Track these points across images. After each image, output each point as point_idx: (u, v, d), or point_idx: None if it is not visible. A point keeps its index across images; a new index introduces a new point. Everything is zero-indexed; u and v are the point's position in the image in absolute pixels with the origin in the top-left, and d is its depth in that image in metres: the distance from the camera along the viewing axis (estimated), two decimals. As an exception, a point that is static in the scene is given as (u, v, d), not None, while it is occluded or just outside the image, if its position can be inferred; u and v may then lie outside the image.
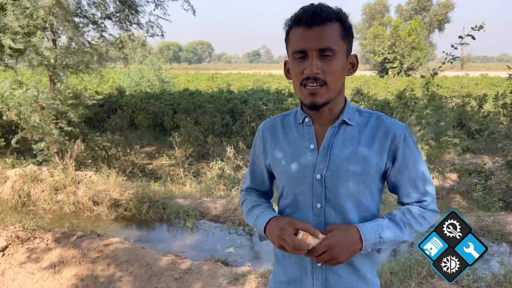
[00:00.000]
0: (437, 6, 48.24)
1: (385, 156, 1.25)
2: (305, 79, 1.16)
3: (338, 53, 1.17)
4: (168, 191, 6.77)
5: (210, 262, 4.03)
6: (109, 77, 20.83)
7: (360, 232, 1.19)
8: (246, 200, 1.47)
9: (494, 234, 4.82)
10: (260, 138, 1.40)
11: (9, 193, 6.63)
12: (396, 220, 1.25)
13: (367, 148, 1.23)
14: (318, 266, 1.27)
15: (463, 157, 9.26)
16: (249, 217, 1.41)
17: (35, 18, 6.98)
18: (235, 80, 23.97)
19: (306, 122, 1.29)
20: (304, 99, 1.20)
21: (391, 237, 1.21)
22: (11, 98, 7.65)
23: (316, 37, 1.14)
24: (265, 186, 1.49)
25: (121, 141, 9.86)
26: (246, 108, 12.82)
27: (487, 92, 15.32)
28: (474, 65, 74.76)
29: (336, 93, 1.22)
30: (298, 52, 1.17)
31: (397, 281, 3.38)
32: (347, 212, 1.24)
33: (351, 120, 1.27)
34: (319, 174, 1.23)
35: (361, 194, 1.24)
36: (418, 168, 1.29)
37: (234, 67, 71.60)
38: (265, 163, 1.40)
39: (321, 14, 1.14)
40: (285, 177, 1.30)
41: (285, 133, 1.33)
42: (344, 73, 1.22)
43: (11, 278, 3.92)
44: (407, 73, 31.26)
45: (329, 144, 1.25)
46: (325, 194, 1.24)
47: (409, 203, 1.31)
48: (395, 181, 1.30)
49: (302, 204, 1.28)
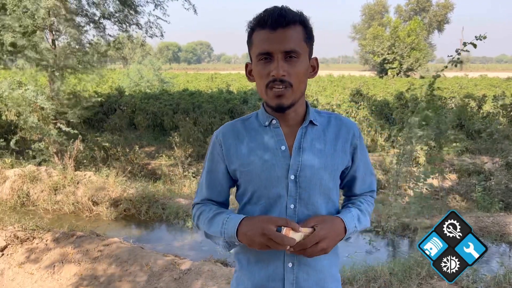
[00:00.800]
0: (436, 6, 48.29)
1: (348, 153, 1.32)
2: (272, 81, 1.17)
3: (302, 56, 1.19)
4: (168, 191, 6.77)
5: (210, 263, 4.02)
6: (109, 77, 20.82)
7: (344, 222, 1.25)
8: (203, 212, 1.37)
9: (494, 235, 4.82)
10: (220, 144, 1.33)
11: (8, 193, 6.62)
12: (362, 209, 1.35)
13: (333, 146, 1.29)
14: (289, 267, 1.26)
15: (462, 158, 9.26)
16: (212, 226, 1.30)
17: (35, 18, 6.96)
18: (234, 81, 23.96)
19: (274, 124, 1.29)
20: (271, 101, 1.21)
21: (361, 226, 1.32)
22: (10, 98, 7.63)
23: (282, 39, 1.15)
24: (223, 196, 1.42)
25: (120, 142, 9.86)
26: (245, 108, 12.82)
27: (486, 93, 15.34)
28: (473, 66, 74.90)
29: (300, 95, 1.24)
30: (263, 54, 1.17)
31: (396, 281, 3.38)
32: (318, 209, 1.27)
33: (316, 120, 1.30)
34: (293, 174, 1.24)
35: (331, 190, 1.30)
36: (368, 162, 1.41)
37: (234, 68, 71.53)
38: (229, 169, 1.33)
39: (286, 17, 1.15)
40: (256, 181, 1.27)
41: (251, 136, 1.30)
42: (307, 76, 1.24)
43: (10, 278, 3.91)
44: (406, 74, 31.32)
45: (300, 144, 1.26)
46: (299, 194, 1.25)
47: (361, 194, 1.43)
48: (352, 175, 1.39)
49: (275, 206, 1.26)
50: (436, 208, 5.91)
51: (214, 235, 1.30)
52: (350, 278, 3.50)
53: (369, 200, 1.43)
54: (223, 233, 1.25)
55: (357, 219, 1.30)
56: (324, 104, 13.61)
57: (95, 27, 8.60)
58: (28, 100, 7.61)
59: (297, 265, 1.27)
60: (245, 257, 1.34)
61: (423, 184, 4.88)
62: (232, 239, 1.24)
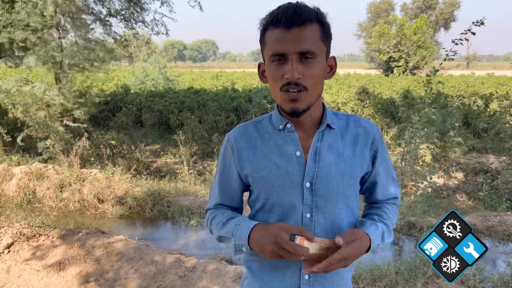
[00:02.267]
0: (443, 4, 47.98)
1: (367, 158, 1.24)
2: (286, 84, 1.09)
3: (319, 56, 1.10)
4: (173, 189, 6.78)
5: (215, 261, 4.03)
6: (114, 75, 20.90)
7: (370, 241, 1.17)
8: (216, 216, 1.31)
9: (500, 234, 4.78)
10: (232, 147, 1.26)
11: (14, 190, 6.67)
12: (387, 223, 1.28)
13: (352, 151, 1.21)
14: (305, 279, 1.21)
15: (469, 156, 9.20)
16: (224, 228, 1.24)
17: (44, 15, 6.98)
18: (239, 79, 23.97)
19: (288, 128, 1.21)
20: (285, 105, 1.13)
21: (383, 243, 1.25)
22: (18, 95, 7.68)
23: (297, 39, 1.06)
24: (237, 201, 1.36)
25: (126, 139, 9.89)
26: (250, 106, 12.83)
27: (493, 91, 15.22)
28: (480, 64, 74.32)
29: (316, 98, 1.15)
30: (276, 55, 1.09)
31: (402, 280, 3.36)
32: (337, 218, 1.20)
33: (333, 124, 1.22)
34: (309, 182, 1.17)
35: (349, 198, 1.22)
36: (390, 168, 1.33)
37: (239, 66, 71.49)
38: (241, 174, 1.26)
39: (301, 15, 1.06)
40: (270, 188, 1.20)
41: (264, 140, 1.23)
42: (324, 77, 1.16)
43: (17, 275, 3.94)
44: (412, 72, 31.16)
45: (316, 150, 1.19)
46: (315, 202, 1.18)
47: (383, 201, 1.35)
48: (373, 181, 1.30)
49: (290, 215, 1.19)
50: (442, 207, 5.88)
51: (226, 240, 1.26)
52: (355, 276, 3.48)
53: (394, 210, 1.34)
54: (235, 235, 1.19)
55: (381, 237, 1.23)
56: (329, 102, 13.57)
57: (101, 25, 8.63)
58: (35, 97, 7.66)
59: (314, 277, 1.22)
60: (259, 265, 1.27)
61: (428, 182, 4.85)
62: (243, 242, 1.17)
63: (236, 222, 1.22)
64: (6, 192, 6.72)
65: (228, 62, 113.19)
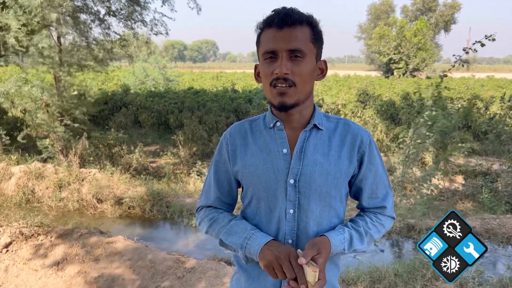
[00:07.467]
0: (443, 6, 48.01)
1: (354, 160, 1.26)
2: (275, 79, 1.16)
3: (308, 56, 1.17)
4: (172, 189, 6.77)
5: (214, 262, 4.02)
6: (114, 75, 20.88)
7: (331, 246, 1.18)
8: (217, 219, 1.33)
9: (500, 237, 4.78)
10: (228, 143, 1.33)
11: (13, 189, 6.66)
12: (360, 231, 1.27)
13: (338, 152, 1.25)
14: None
15: (469, 159, 9.19)
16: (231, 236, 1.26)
17: (34, 15, 6.93)
18: (239, 80, 23.97)
19: (278, 126, 1.26)
20: (274, 99, 1.19)
21: (352, 249, 1.24)
22: (18, 95, 7.66)
23: (287, 38, 1.14)
24: (233, 196, 1.40)
25: (125, 139, 9.87)
26: (250, 107, 12.83)
27: (494, 94, 15.23)
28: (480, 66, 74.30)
29: (305, 96, 1.21)
30: (268, 52, 1.17)
31: (401, 282, 3.35)
32: (318, 216, 1.24)
33: (321, 125, 1.27)
34: (293, 178, 1.21)
35: (332, 198, 1.25)
36: (380, 173, 1.32)
37: (239, 66, 71.53)
38: (232, 169, 1.32)
39: (292, 16, 1.15)
40: (256, 183, 1.26)
41: (255, 138, 1.30)
42: (313, 77, 1.22)
43: (15, 274, 3.92)
44: (412, 74, 31.16)
45: (302, 148, 1.23)
46: (298, 199, 1.22)
47: (370, 208, 1.34)
48: (359, 185, 1.32)
49: (274, 210, 1.24)
50: (442, 209, 5.87)
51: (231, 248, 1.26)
52: (354, 278, 3.48)
53: (378, 220, 1.32)
54: (245, 247, 1.21)
55: (349, 243, 1.23)
56: (329, 104, 13.57)
57: (100, 25, 8.60)
58: (34, 97, 7.64)
59: None
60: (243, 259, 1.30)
61: (428, 185, 4.84)
62: (254, 255, 1.19)
63: (246, 234, 1.23)
64: (5, 191, 6.71)
65: (228, 63, 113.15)
